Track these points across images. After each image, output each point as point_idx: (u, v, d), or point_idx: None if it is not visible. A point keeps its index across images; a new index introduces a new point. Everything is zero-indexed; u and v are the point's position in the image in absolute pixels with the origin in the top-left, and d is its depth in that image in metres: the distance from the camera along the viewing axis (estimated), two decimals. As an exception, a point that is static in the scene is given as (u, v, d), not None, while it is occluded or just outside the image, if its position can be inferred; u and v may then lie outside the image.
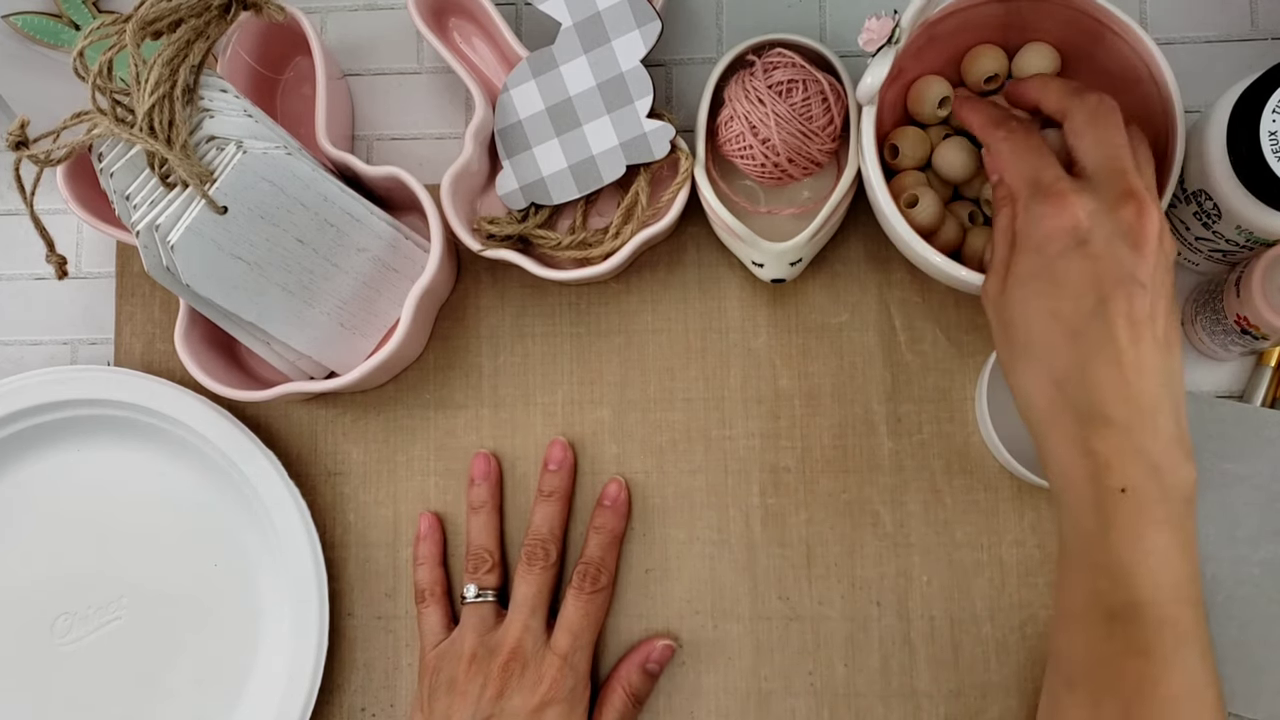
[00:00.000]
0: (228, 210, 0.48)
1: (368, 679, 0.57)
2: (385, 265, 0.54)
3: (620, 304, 0.58)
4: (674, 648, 0.54)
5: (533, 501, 0.56)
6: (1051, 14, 0.51)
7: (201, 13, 0.48)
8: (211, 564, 0.57)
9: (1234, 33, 0.57)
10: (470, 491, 0.56)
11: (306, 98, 0.59)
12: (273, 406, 0.59)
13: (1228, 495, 0.53)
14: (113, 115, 0.47)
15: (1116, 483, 0.40)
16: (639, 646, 0.54)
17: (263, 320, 0.52)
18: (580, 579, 0.54)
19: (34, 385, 0.56)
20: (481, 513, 0.55)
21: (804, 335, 0.57)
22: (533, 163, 0.55)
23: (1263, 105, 0.45)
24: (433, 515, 0.57)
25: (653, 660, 0.54)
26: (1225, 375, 0.55)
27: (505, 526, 0.57)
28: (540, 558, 0.54)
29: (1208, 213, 0.49)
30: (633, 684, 0.53)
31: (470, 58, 0.58)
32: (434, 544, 0.56)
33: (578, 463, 0.57)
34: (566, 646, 0.52)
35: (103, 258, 0.61)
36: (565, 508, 0.56)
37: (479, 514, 0.55)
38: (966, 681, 0.54)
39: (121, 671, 0.56)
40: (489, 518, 0.55)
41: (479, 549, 0.55)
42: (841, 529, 0.55)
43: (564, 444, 0.56)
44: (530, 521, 0.55)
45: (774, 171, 0.52)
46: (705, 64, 0.59)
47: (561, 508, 0.55)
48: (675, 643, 0.55)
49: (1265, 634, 0.52)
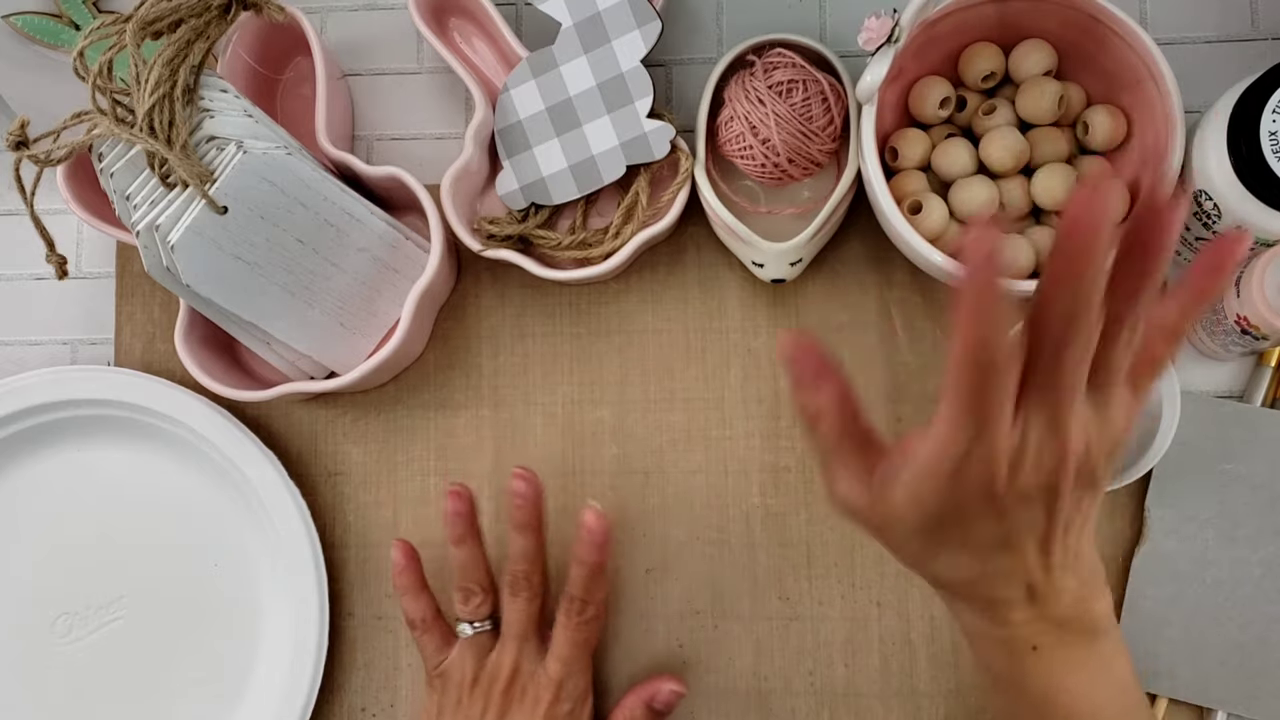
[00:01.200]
0: (228, 210, 0.48)
1: (368, 679, 0.57)
2: (385, 265, 0.54)
3: (620, 304, 0.58)
4: (682, 694, 0.53)
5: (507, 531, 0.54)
6: (1051, 13, 0.51)
7: (201, 13, 0.48)
8: (211, 564, 0.57)
9: (1234, 33, 0.57)
10: (448, 529, 0.54)
11: (306, 98, 0.59)
12: (273, 406, 0.59)
13: (1228, 495, 0.53)
14: (113, 115, 0.47)
15: (1026, 644, 0.40)
16: (648, 682, 0.53)
17: (263, 320, 0.52)
18: (566, 611, 0.52)
19: (34, 385, 0.56)
20: (463, 548, 0.54)
21: (804, 335, 0.57)
22: (533, 163, 0.55)
23: (1263, 105, 0.45)
24: (404, 543, 0.55)
25: (658, 701, 0.53)
26: (1225, 375, 0.55)
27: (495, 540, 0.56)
28: (524, 588, 0.53)
29: (1208, 213, 0.49)
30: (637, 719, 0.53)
31: (470, 58, 0.58)
32: (413, 573, 0.54)
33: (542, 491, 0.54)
34: (559, 673, 0.52)
35: (103, 258, 0.61)
36: (539, 537, 0.54)
37: (461, 549, 0.54)
38: (966, 681, 0.54)
39: (121, 671, 0.56)
40: (471, 551, 0.54)
41: (468, 584, 0.54)
42: (841, 529, 0.55)
43: (527, 476, 0.53)
44: (509, 552, 0.53)
45: (774, 171, 0.52)
46: (705, 64, 0.59)
47: (535, 538, 0.53)
48: (685, 688, 0.53)
49: (1265, 634, 0.52)
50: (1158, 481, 0.53)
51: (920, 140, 0.53)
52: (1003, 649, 0.41)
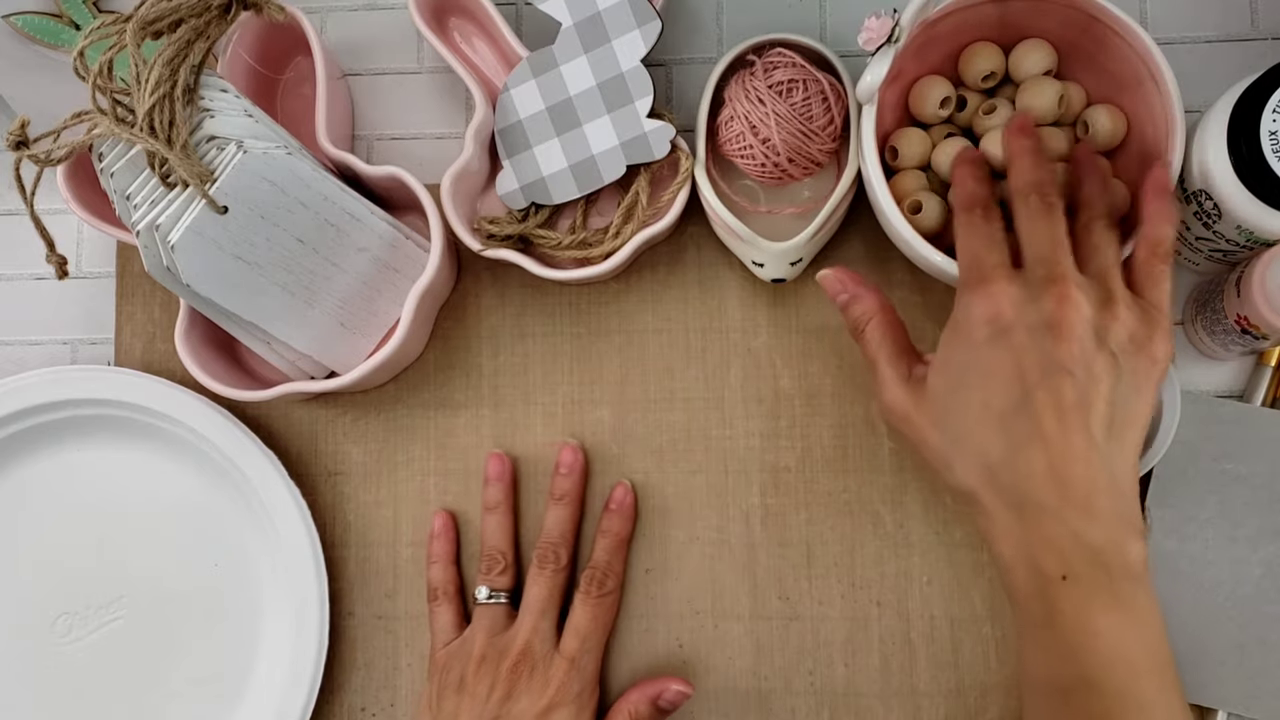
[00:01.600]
0: (228, 210, 0.48)
1: (368, 679, 0.57)
2: (385, 265, 0.54)
3: (620, 304, 0.58)
4: (689, 694, 0.53)
5: (545, 505, 0.56)
6: (1051, 13, 0.51)
7: (201, 13, 0.48)
8: (211, 564, 0.57)
9: (1234, 33, 0.57)
10: (485, 492, 0.56)
11: (306, 98, 0.59)
12: (273, 406, 0.59)
13: (1228, 495, 0.53)
14: (113, 115, 0.47)
15: (1056, 571, 0.40)
16: (655, 679, 0.53)
17: (263, 320, 0.52)
18: (588, 583, 0.53)
19: (34, 385, 0.56)
20: (496, 513, 0.55)
21: (804, 335, 0.57)
22: (533, 162, 0.55)
23: (1263, 105, 0.45)
24: (447, 514, 0.57)
25: (665, 699, 0.53)
26: (1225, 375, 0.55)
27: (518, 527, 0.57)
28: (551, 561, 0.54)
29: (1208, 213, 0.49)
30: (640, 715, 0.53)
31: (470, 58, 0.58)
32: (447, 542, 0.56)
33: (589, 465, 0.57)
34: (574, 650, 0.52)
35: (103, 258, 0.61)
36: (577, 511, 0.55)
37: (493, 515, 0.55)
38: (966, 681, 0.54)
39: (121, 671, 0.56)
40: (503, 519, 0.55)
41: (492, 550, 0.55)
42: (841, 529, 0.55)
43: (574, 447, 0.56)
44: (543, 525, 0.55)
45: (774, 171, 0.52)
46: (705, 64, 0.59)
47: (573, 511, 0.55)
48: (691, 689, 0.53)
49: (1265, 634, 0.52)
50: (1158, 481, 0.53)
51: (920, 140, 0.53)
52: (1034, 576, 0.40)
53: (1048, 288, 0.42)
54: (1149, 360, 0.42)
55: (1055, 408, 0.41)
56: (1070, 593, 0.40)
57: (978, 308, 0.43)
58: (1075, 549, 0.40)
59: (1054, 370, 0.41)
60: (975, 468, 0.42)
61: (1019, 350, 0.42)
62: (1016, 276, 0.43)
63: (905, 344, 0.48)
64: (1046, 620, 0.40)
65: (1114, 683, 0.39)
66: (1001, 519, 0.41)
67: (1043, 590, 0.40)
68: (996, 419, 0.42)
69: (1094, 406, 0.41)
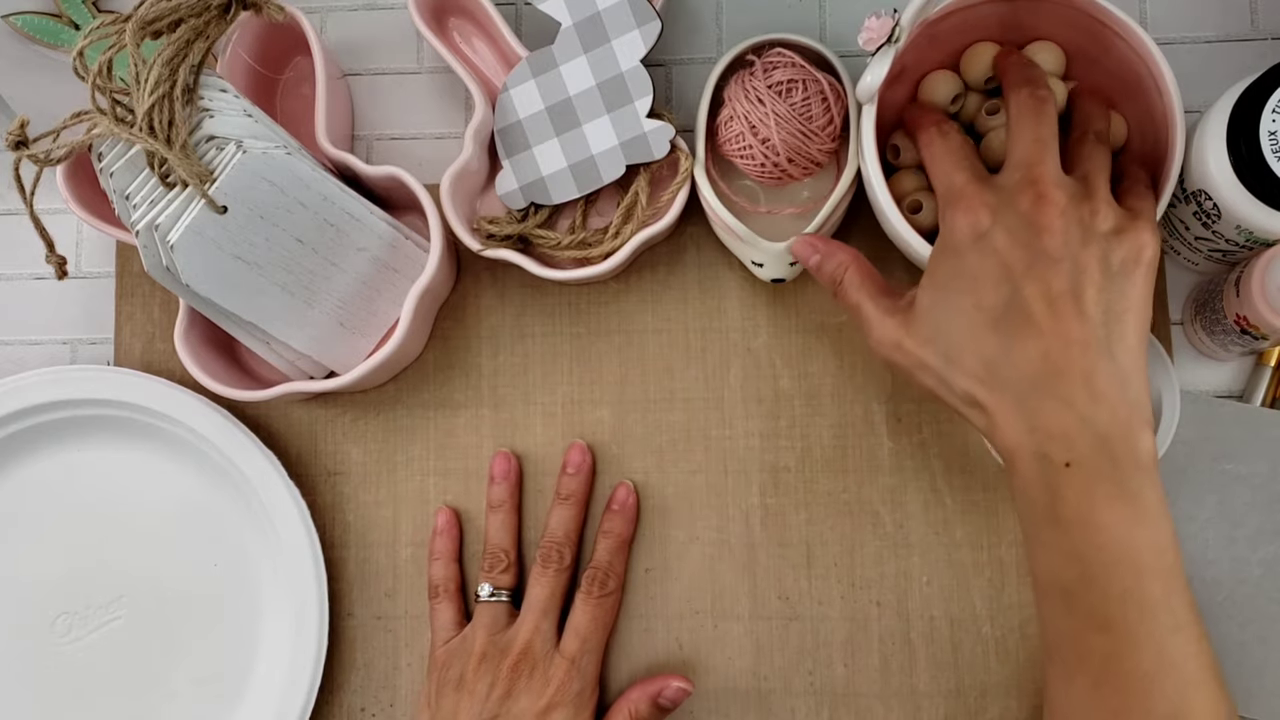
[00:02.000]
0: (227, 210, 0.48)
1: (368, 679, 0.57)
2: (385, 265, 0.54)
3: (620, 304, 0.58)
4: (689, 691, 0.53)
5: (550, 504, 0.56)
6: (1051, 14, 0.51)
7: (201, 12, 0.48)
8: (211, 564, 0.57)
9: (1234, 33, 0.57)
10: (490, 490, 0.56)
11: (306, 98, 0.59)
12: (273, 406, 0.59)
13: (1228, 495, 0.53)
14: (113, 115, 0.47)
15: (1061, 457, 0.39)
16: (655, 677, 0.53)
17: (263, 320, 0.52)
18: (589, 584, 0.53)
19: (34, 385, 0.56)
20: (500, 512, 0.55)
21: (804, 335, 0.57)
22: (532, 162, 0.55)
23: (1263, 105, 0.45)
24: (450, 511, 0.57)
25: (665, 697, 0.53)
26: (1225, 375, 0.55)
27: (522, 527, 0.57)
28: (554, 560, 0.54)
29: (1208, 213, 0.49)
30: (640, 713, 0.52)
31: (470, 58, 0.58)
32: (450, 539, 0.56)
33: (596, 466, 0.57)
34: (574, 650, 0.52)
35: (103, 258, 0.61)
36: (581, 511, 0.55)
37: (497, 513, 0.55)
38: (966, 681, 0.54)
39: (121, 671, 0.56)
40: (507, 517, 0.55)
41: (496, 548, 0.55)
42: (841, 529, 0.55)
43: (582, 447, 0.56)
44: (546, 524, 0.55)
45: (774, 171, 0.52)
46: (705, 64, 0.59)
47: (578, 511, 0.55)
48: (692, 686, 0.53)
49: (1265, 634, 0.52)
50: (1158, 481, 0.53)
51: (920, 140, 0.53)
52: (1038, 463, 0.39)
53: (1024, 189, 0.43)
54: (1135, 247, 0.42)
55: (1045, 297, 0.41)
56: (1074, 479, 0.39)
57: (957, 221, 0.43)
58: (1080, 433, 0.39)
59: (1039, 261, 0.41)
60: (974, 371, 0.42)
61: (1002, 250, 0.42)
62: (990, 183, 0.44)
63: (884, 284, 0.48)
64: (1050, 514, 0.39)
65: (1117, 582, 0.38)
66: (1004, 413, 0.41)
67: (1046, 479, 0.39)
68: (988, 319, 0.42)
69: (1085, 293, 0.40)
